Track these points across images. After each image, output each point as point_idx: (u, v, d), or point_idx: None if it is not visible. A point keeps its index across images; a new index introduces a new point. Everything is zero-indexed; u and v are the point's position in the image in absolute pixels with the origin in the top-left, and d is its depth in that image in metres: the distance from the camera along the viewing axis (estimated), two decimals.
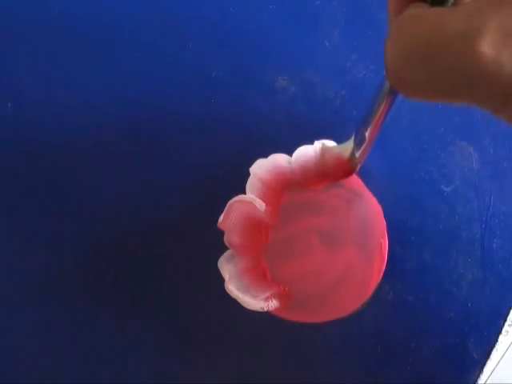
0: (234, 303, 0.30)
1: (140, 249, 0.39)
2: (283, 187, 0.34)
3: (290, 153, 0.32)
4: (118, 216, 0.39)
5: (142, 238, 0.39)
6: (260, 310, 0.31)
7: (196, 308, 0.37)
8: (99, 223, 0.39)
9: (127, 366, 0.37)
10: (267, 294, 0.31)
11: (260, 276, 0.33)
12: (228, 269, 0.31)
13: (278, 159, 0.32)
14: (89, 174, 0.40)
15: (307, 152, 0.32)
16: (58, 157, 0.41)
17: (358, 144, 0.30)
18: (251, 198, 0.32)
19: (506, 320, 0.38)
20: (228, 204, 0.31)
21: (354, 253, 0.34)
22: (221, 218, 0.31)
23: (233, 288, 0.30)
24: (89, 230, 0.39)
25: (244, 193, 0.32)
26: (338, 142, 0.32)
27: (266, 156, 0.32)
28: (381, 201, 0.33)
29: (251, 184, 0.32)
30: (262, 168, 0.32)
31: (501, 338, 0.38)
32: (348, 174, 0.32)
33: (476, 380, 0.38)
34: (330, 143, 0.32)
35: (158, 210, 0.39)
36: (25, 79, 0.42)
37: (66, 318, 0.38)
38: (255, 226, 0.34)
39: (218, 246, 0.31)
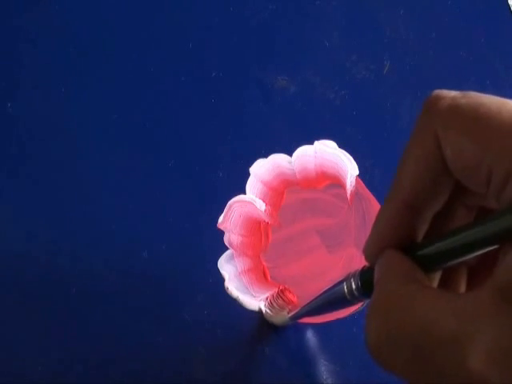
0: (234, 303, 0.30)
1: (140, 249, 0.39)
2: (283, 187, 0.34)
3: (290, 153, 0.32)
4: (118, 215, 0.39)
5: (142, 238, 0.39)
6: (260, 310, 0.31)
7: (196, 308, 0.37)
8: (99, 223, 0.39)
9: (127, 365, 0.37)
10: (267, 294, 0.31)
11: (260, 276, 0.33)
12: (228, 269, 0.31)
13: (278, 159, 0.32)
14: (89, 174, 0.40)
15: (307, 152, 0.32)
16: (57, 157, 0.41)
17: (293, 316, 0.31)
18: (251, 198, 0.31)
19: None
20: (228, 204, 0.31)
21: (353, 253, 0.34)
22: (221, 218, 0.31)
23: (233, 288, 0.30)
24: (90, 233, 0.39)
25: (244, 193, 0.32)
26: (338, 142, 0.32)
27: (266, 156, 0.32)
28: (381, 201, 0.32)
29: (251, 184, 0.32)
30: (262, 168, 0.32)
31: None
32: None
33: None
34: (330, 143, 0.32)
35: (157, 209, 0.39)
36: (25, 79, 0.42)
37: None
38: (255, 226, 0.34)
39: (218, 246, 0.31)
